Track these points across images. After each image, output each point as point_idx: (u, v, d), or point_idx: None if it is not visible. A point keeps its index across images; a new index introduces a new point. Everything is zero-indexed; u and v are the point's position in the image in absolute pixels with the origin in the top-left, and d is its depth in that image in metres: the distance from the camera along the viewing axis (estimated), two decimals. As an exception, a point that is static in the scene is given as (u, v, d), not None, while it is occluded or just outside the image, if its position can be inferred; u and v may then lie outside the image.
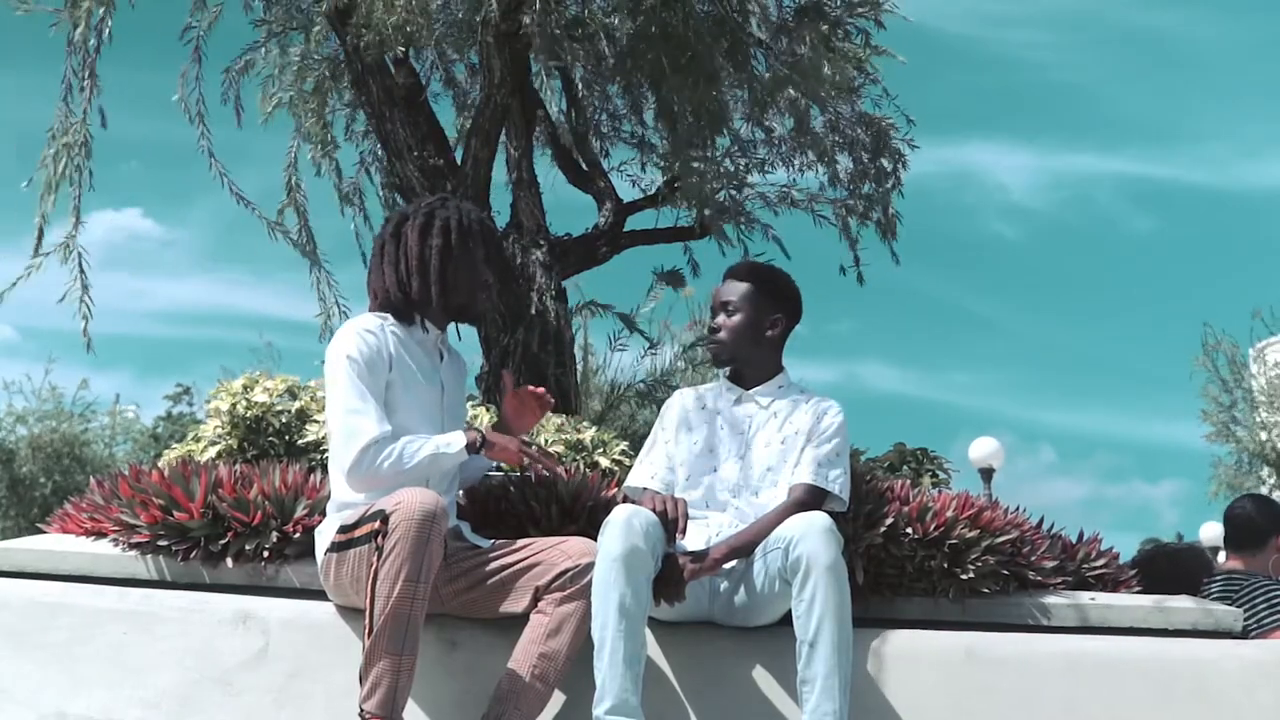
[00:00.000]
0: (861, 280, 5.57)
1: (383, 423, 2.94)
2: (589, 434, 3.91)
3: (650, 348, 6.89)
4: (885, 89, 5.38)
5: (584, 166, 5.77)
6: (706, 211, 5.40)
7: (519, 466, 3.01)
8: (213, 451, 3.74)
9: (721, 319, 3.35)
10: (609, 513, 2.91)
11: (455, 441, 2.97)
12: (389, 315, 3.15)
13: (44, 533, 3.54)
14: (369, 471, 2.91)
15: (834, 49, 4.85)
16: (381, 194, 6.13)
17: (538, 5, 4.30)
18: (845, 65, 4.76)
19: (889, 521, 3.30)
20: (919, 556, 3.31)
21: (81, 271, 4.50)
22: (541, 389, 3.35)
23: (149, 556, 3.26)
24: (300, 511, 3.24)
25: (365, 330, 3.05)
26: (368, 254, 5.91)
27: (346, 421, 2.95)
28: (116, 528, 3.30)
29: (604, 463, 3.78)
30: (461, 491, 3.31)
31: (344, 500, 3.00)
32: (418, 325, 3.17)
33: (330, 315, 5.49)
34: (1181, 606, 3.40)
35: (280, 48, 5.60)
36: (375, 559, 2.73)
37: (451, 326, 3.33)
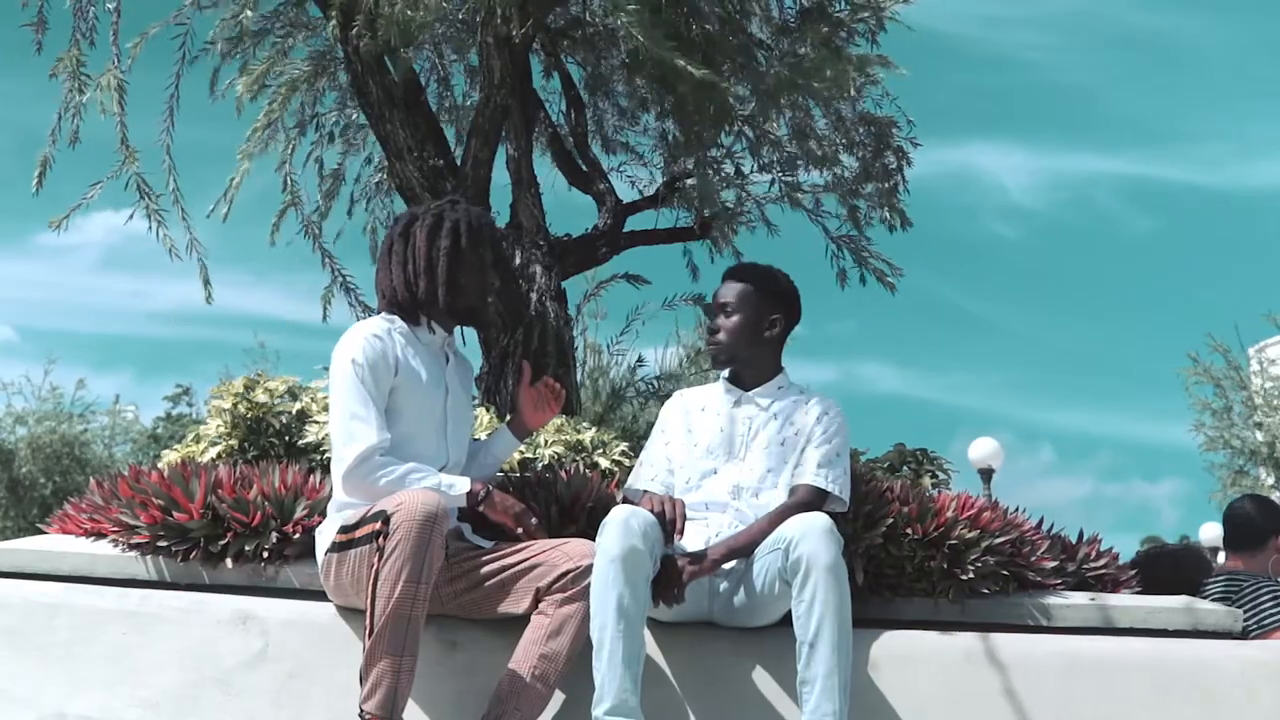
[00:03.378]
0: (864, 282, 5.57)
1: (383, 430, 2.94)
2: (589, 435, 3.91)
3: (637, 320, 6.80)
4: (886, 90, 5.39)
5: (584, 167, 5.78)
6: (707, 212, 5.40)
7: (509, 526, 3.01)
8: (213, 452, 3.74)
9: (720, 320, 3.35)
10: (609, 514, 2.91)
11: (459, 486, 2.97)
12: (396, 318, 3.15)
13: (44, 533, 3.54)
14: (365, 480, 2.92)
15: (836, 51, 4.84)
16: (379, 194, 6.14)
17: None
18: (848, 67, 4.75)
19: (889, 522, 3.30)
20: (919, 557, 3.31)
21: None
22: (559, 385, 3.37)
23: (148, 557, 3.25)
24: (300, 512, 3.24)
25: (372, 334, 3.05)
26: (366, 250, 5.91)
27: (347, 426, 2.95)
28: (116, 528, 3.29)
29: (604, 463, 3.78)
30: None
31: (345, 501, 3.00)
32: (424, 327, 3.17)
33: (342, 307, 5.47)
34: (1181, 607, 3.40)
35: (278, 47, 5.60)
36: (376, 559, 2.73)
37: (458, 330, 3.33)
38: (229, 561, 3.20)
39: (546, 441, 3.82)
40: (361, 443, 2.92)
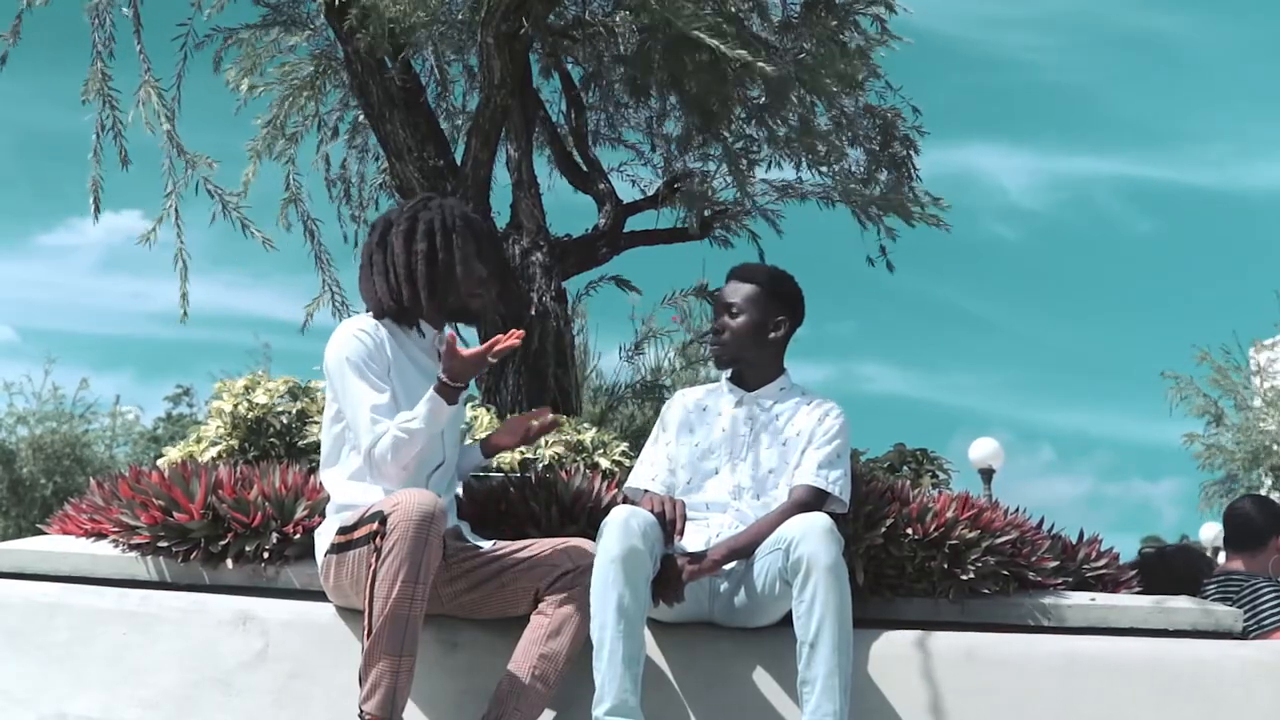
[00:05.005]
0: (891, 268, 5.55)
1: (377, 425, 2.93)
2: (589, 435, 3.91)
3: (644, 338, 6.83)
4: (889, 83, 5.38)
5: (584, 167, 5.77)
6: (706, 213, 5.40)
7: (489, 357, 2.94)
8: (213, 452, 3.74)
9: (724, 320, 3.34)
10: (609, 514, 2.91)
11: (436, 413, 2.91)
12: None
13: (44, 533, 3.55)
14: (386, 469, 2.92)
15: (841, 43, 4.82)
16: (377, 194, 6.13)
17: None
18: (852, 60, 4.73)
19: (889, 522, 3.30)
20: (919, 557, 3.31)
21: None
22: (550, 426, 3.38)
23: (149, 557, 3.26)
24: (300, 513, 3.24)
25: (360, 330, 3.05)
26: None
27: (355, 427, 2.96)
28: (116, 529, 3.30)
29: (604, 464, 3.77)
30: (460, 491, 3.31)
31: (343, 502, 3.00)
32: (415, 330, 3.16)
33: (336, 311, 5.44)
34: (1182, 607, 3.40)
35: (276, 44, 5.59)
36: (374, 560, 2.73)
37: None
38: (229, 562, 3.20)
39: (547, 442, 3.81)
40: (364, 444, 2.93)
